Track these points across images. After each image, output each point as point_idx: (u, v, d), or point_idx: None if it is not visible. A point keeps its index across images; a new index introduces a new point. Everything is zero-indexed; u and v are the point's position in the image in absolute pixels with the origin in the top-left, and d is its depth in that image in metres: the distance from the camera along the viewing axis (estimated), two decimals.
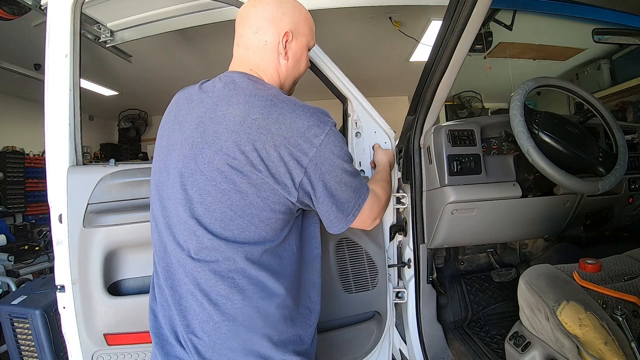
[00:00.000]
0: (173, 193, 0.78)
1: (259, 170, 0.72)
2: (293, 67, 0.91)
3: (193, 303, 0.75)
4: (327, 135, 0.75)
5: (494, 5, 1.43)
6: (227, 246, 0.73)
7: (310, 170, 0.74)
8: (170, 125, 0.85)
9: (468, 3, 0.97)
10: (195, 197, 0.75)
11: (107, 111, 5.38)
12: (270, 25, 0.85)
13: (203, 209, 0.74)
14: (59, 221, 1.13)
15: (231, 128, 0.73)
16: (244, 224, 0.74)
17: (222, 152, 0.73)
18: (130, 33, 2.28)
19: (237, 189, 0.72)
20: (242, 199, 0.73)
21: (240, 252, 0.74)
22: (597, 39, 2.08)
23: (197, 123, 0.78)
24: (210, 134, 0.75)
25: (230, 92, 0.78)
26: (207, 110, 0.78)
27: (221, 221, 0.74)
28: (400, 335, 1.49)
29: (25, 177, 4.03)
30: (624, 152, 1.19)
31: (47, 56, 1.16)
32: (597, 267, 1.06)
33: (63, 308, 1.14)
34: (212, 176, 0.73)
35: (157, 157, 0.87)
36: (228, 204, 0.73)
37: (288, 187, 0.74)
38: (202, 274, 0.74)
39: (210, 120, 0.76)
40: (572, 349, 0.87)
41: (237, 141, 0.72)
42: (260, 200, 0.73)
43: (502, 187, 1.28)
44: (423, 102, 1.28)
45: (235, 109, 0.74)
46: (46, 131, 1.16)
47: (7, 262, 2.51)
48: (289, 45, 0.88)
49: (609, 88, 3.08)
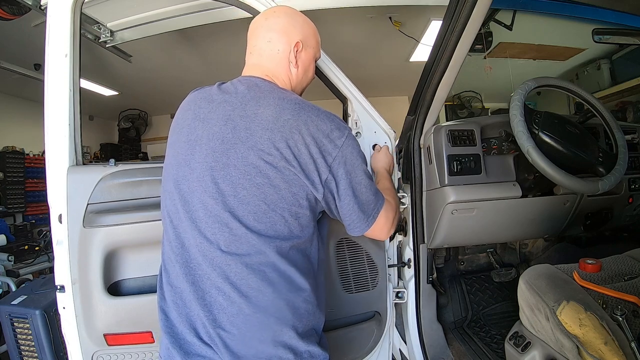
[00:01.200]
0: (200, 187, 0.80)
1: (293, 166, 0.77)
2: (302, 76, 0.98)
3: (220, 297, 0.76)
4: (347, 138, 0.82)
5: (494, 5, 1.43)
6: (259, 239, 0.76)
7: (334, 168, 0.80)
8: (190, 122, 0.87)
9: (468, 3, 0.97)
10: (228, 190, 0.78)
11: (107, 111, 5.38)
12: (282, 36, 0.92)
13: (237, 202, 0.77)
14: (59, 221, 1.13)
15: (265, 126, 0.78)
16: (275, 218, 0.78)
17: (257, 148, 0.77)
18: (130, 33, 2.28)
19: (271, 183, 0.77)
20: (275, 192, 0.77)
21: (272, 245, 0.77)
22: (597, 39, 2.09)
23: (225, 120, 0.81)
24: (242, 131, 0.79)
25: (257, 94, 0.83)
26: (235, 109, 0.82)
27: (255, 214, 0.77)
28: (400, 335, 1.49)
29: (25, 177, 4.03)
30: (624, 152, 1.19)
31: (47, 56, 1.16)
32: (597, 267, 1.06)
33: (63, 308, 1.14)
34: (247, 170, 0.77)
35: (173, 152, 0.88)
36: (262, 197, 0.77)
37: (315, 184, 0.79)
38: (233, 267, 0.76)
39: (241, 119, 0.80)
40: (572, 349, 0.87)
41: (271, 138, 0.77)
42: (291, 195, 0.78)
43: (502, 187, 1.28)
44: (423, 102, 1.28)
45: (266, 110, 0.80)
46: (46, 131, 1.15)
47: (7, 262, 2.51)
48: (299, 55, 0.94)
49: (609, 88, 3.09)
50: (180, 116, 0.93)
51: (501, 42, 2.97)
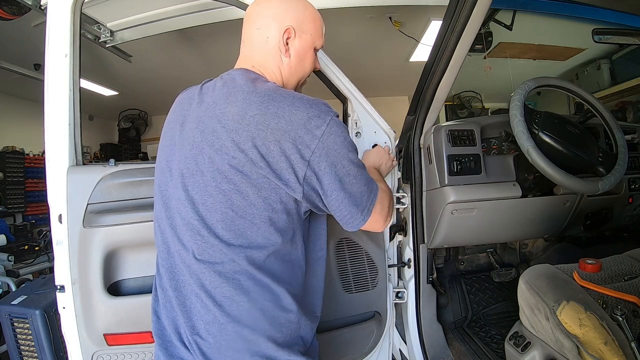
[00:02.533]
0: (175, 194, 0.78)
1: (260, 167, 0.71)
2: (296, 66, 0.88)
3: (197, 304, 0.74)
4: (329, 125, 0.73)
5: (494, 5, 1.43)
6: (229, 249, 0.73)
7: (314, 162, 0.72)
8: (172, 125, 0.85)
9: (468, 3, 0.97)
10: (197, 197, 0.75)
11: (107, 111, 5.38)
12: (272, 21, 0.84)
13: (205, 209, 0.74)
14: (59, 221, 1.13)
15: (230, 127, 0.72)
16: (245, 225, 0.73)
17: (222, 152, 0.72)
18: (130, 33, 2.28)
19: (238, 189, 0.72)
20: (242, 199, 0.72)
21: (242, 255, 0.73)
22: (597, 39, 2.09)
23: (197, 122, 0.77)
24: (210, 133, 0.74)
25: (229, 90, 0.77)
26: (207, 110, 0.77)
27: (223, 222, 0.73)
28: (400, 335, 1.49)
29: (25, 177, 4.03)
30: (624, 152, 1.19)
31: (47, 56, 1.16)
32: (597, 267, 1.06)
33: (63, 308, 1.14)
34: (213, 176, 0.73)
35: (159, 157, 0.87)
36: (229, 204, 0.72)
37: (291, 183, 0.72)
38: (207, 275, 0.73)
39: (210, 120, 0.75)
40: (572, 349, 0.87)
41: (235, 140, 0.71)
42: (261, 201, 0.72)
43: (502, 187, 1.28)
44: (423, 102, 1.28)
45: (233, 107, 0.74)
46: (46, 131, 1.15)
47: (7, 262, 2.51)
48: (291, 43, 0.85)
49: (609, 88, 3.08)
50: (167, 119, 0.90)
51: (501, 42, 2.97)
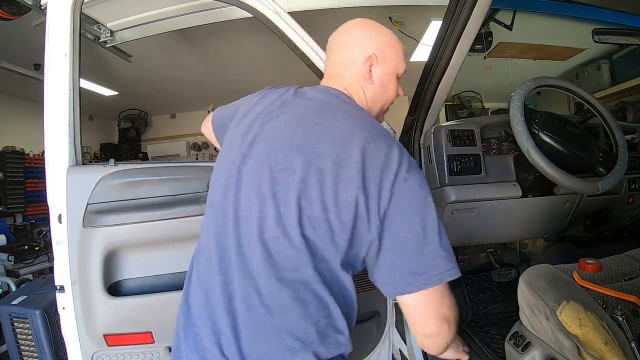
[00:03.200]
0: (252, 184, 0.75)
1: (351, 188, 0.70)
2: (379, 93, 0.91)
3: (244, 306, 0.71)
4: (414, 174, 0.73)
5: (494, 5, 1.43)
6: (300, 256, 0.70)
7: (394, 202, 0.70)
8: (256, 117, 0.83)
9: (468, 3, 0.97)
10: (281, 195, 0.72)
11: (107, 111, 5.38)
12: (355, 48, 0.88)
13: (285, 209, 0.71)
14: (59, 221, 1.13)
15: (335, 141, 0.73)
16: (320, 236, 0.70)
17: (320, 160, 0.72)
18: (130, 33, 2.28)
19: (324, 201, 0.71)
20: (322, 212, 0.70)
21: (311, 265, 0.70)
22: (597, 39, 2.08)
23: (296, 123, 0.77)
24: (312, 137, 0.74)
25: (334, 106, 0.81)
26: (310, 115, 0.79)
27: (301, 226, 0.70)
28: (400, 335, 1.49)
29: (25, 177, 4.03)
30: (624, 152, 1.19)
31: (47, 56, 1.16)
32: (597, 267, 1.06)
33: (63, 308, 1.14)
34: (306, 178, 0.71)
35: (230, 144, 0.84)
36: (306, 213, 0.71)
37: (371, 217, 0.70)
38: (265, 279, 0.71)
39: (314, 126, 0.76)
40: (572, 349, 0.87)
41: (339, 153, 0.71)
42: (338, 222, 0.70)
43: (502, 187, 1.28)
44: (423, 102, 1.28)
45: (341, 124, 0.76)
46: (46, 131, 1.15)
47: (7, 262, 2.51)
48: (373, 70, 0.88)
49: (609, 88, 3.09)
50: (245, 108, 0.88)
51: (501, 42, 2.97)
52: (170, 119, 5.90)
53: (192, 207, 1.17)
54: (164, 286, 1.19)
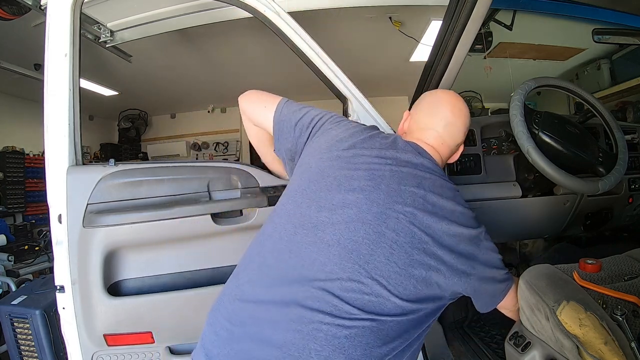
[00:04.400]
0: (335, 241, 0.75)
1: (439, 273, 0.77)
2: (448, 163, 1.04)
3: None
4: (486, 239, 0.86)
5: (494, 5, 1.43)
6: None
7: (478, 273, 0.83)
8: (352, 160, 0.84)
9: (468, 3, 0.97)
10: (367, 255, 0.74)
11: (107, 111, 5.38)
12: (463, 129, 0.96)
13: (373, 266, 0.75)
14: (59, 221, 1.13)
15: (440, 215, 0.79)
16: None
17: (418, 235, 0.76)
18: (130, 33, 2.28)
19: (407, 272, 0.76)
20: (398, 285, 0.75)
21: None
22: (597, 39, 2.08)
23: (411, 196, 0.80)
24: (429, 205, 0.80)
25: (438, 182, 0.85)
26: (421, 183, 0.82)
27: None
28: None
29: (25, 177, 4.03)
30: (624, 152, 1.19)
31: (47, 56, 1.16)
32: (597, 267, 1.06)
33: (63, 309, 1.13)
34: (401, 249, 0.75)
35: (314, 174, 0.85)
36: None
37: (452, 292, 0.82)
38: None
39: (425, 208, 0.79)
40: (572, 349, 0.87)
41: (442, 228, 0.79)
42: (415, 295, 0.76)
43: (502, 187, 1.28)
44: None
45: (445, 202, 0.82)
46: (46, 131, 1.15)
47: (7, 262, 2.51)
48: (457, 153, 1.01)
49: (609, 88, 3.08)
50: (345, 139, 0.90)
51: (501, 42, 2.97)
52: (170, 119, 5.91)
53: (192, 207, 1.17)
54: (163, 286, 1.19)
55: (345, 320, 0.68)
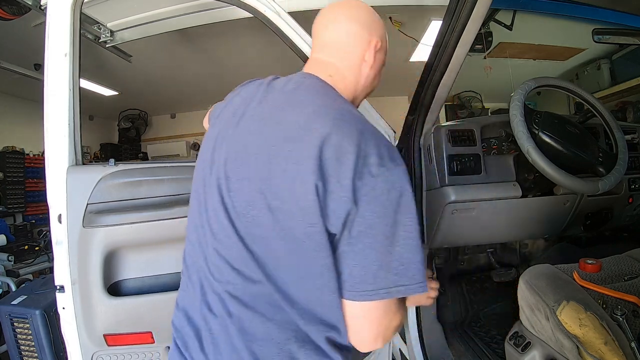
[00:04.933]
0: (213, 197, 0.70)
1: (307, 189, 0.61)
2: (372, 80, 0.82)
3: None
4: (395, 169, 0.61)
5: (494, 5, 1.43)
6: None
7: (361, 201, 0.59)
8: (228, 118, 0.76)
9: (468, 3, 0.97)
10: (240, 208, 0.67)
11: (107, 111, 5.38)
12: (364, 30, 0.78)
13: (244, 221, 0.68)
14: (59, 221, 1.13)
15: (291, 136, 0.64)
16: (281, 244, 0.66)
17: (274, 162, 0.64)
18: (130, 33, 2.28)
19: (285, 207, 0.66)
20: (289, 219, 0.65)
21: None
22: (597, 39, 2.08)
23: (257, 122, 0.70)
24: (271, 139, 0.66)
25: (300, 97, 0.70)
26: (272, 112, 0.70)
27: (263, 236, 0.68)
28: (400, 335, 1.49)
29: (25, 177, 4.03)
30: (624, 152, 1.19)
31: (47, 56, 1.16)
32: (597, 267, 1.06)
33: (63, 308, 1.13)
34: (257, 188, 0.66)
35: (203, 147, 0.81)
36: (273, 222, 0.66)
37: (330, 217, 0.61)
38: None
39: (272, 123, 0.68)
40: (572, 349, 0.87)
41: (293, 150, 0.64)
42: (304, 226, 0.63)
43: (502, 187, 1.28)
44: (423, 102, 1.28)
45: (299, 117, 0.66)
46: (46, 131, 1.15)
47: (7, 262, 2.51)
48: (377, 56, 0.80)
49: (609, 88, 3.09)
50: (221, 107, 0.83)
51: (501, 42, 2.97)
52: (170, 119, 5.91)
53: None
54: (163, 286, 1.19)
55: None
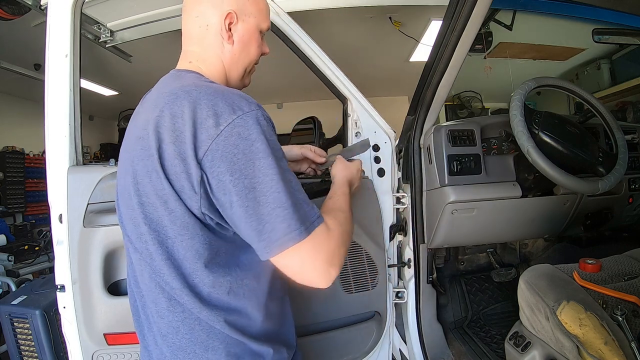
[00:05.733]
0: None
1: (159, 176, 0.62)
2: (240, 53, 0.80)
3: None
4: (236, 121, 0.59)
5: (494, 5, 1.43)
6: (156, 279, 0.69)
7: (207, 166, 0.59)
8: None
9: (468, 3, 0.97)
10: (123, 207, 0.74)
11: (107, 111, 5.38)
12: (210, 7, 0.76)
13: (124, 224, 0.74)
14: (59, 221, 1.13)
15: (138, 133, 0.68)
16: (159, 239, 0.66)
17: (134, 163, 0.67)
18: (130, 33, 2.28)
19: (149, 201, 0.66)
20: (154, 211, 0.66)
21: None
22: (597, 39, 2.08)
23: (135, 138, 0.70)
24: (133, 143, 0.69)
25: (156, 94, 0.74)
26: (136, 118, 0.76)
27: (138, 236, 0.70)
28: (400, 335, 1.49)
29: (25, 177, 4.03)
30: (624, 152, 1.19)
31: (47, 56, 1.16)
32: (597, 267, 1.06)
33: (63, 308, 1.14)
34: (126, 186, 0.70)
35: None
36: (143, 216, 0.67)
37: (185, 192, 0.61)
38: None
39: (136, 131, 0.71)
40: (572, 348, 0.87)
41: (143, 146, 0.65)
42: (167, 214, 0.64)
43: (502, 187, 1.28)
44: (423, 102, 1.28)
45: (148, 111, 0.69)
46: (46, 131, 1.15)
47: (7, 262, 2.51)
48: (233, 28, 0.77)
49: (609, 88, 3.08)
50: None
51: (501, 42, 2.97)
52: None
53: None
54: None
55: None
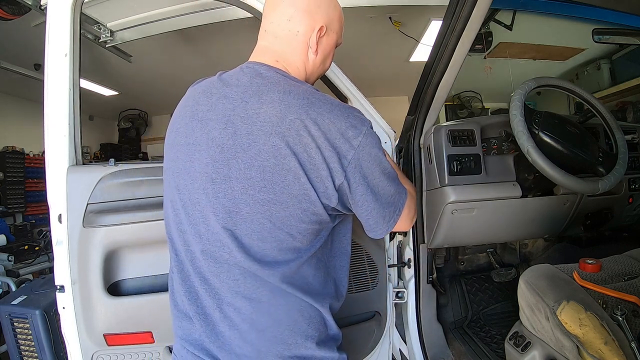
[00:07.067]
0: (201, 200, 0.73)
1: (298, 176, 0.68)
2: (320, 64, 0.86)
3: (219, 320, 0.76)
4: (365, 136, 0.71)
5: (494, 5, 1.43)
6: (259, 266, 0.71)
7: (350, 173, 0.70)
8: (188, 122, 0.78)
9: (468, 3, 0.97)
10: (231, 206, 0.70)
11: (107, 111, 5.38)
12: (305, 15, 0.79)
13: (239, 219, 0.70)
14: (59, 221, 1.13)
15: (268, 130, 0.68)
16: (282, 237, 0.71)
17: (260, 158, 0.68)
18: (130, 33, 2.28)
19: (278, 199, 0.68)
20: (282, 210, 0.69)
21: (272, 272, 0.72)
22: (597, 39, 2.08)
23: (224, 122, 0.71)
24: (244, 137, 0.69)
25: (260, 87, 0.73)
26: (236, 108, 0.72)
27: (259, 233, 0.70)
28: (400, 335, 1.49)
29: (25, 177, 4.03)
30: (624, 152, 1.19)
31: (47, 56, 1.16)
32: (597, 267, 1.06)
33: (63, 308, 1.14)
34: (250, 184, 0.69)
35: (173, 156, 0.80)
36: (267, 215, 0.69)
37: (328, 192, 0.70)
38: (226, 292, 0.74)
39: (242, 121, 0.70)
40: (572, 349, 0.87)
41: (276, 145, 0.67)
42: (300, 212, 0.70)
43: (502, 187, 1.27)
44: (423, 102, 1.28)
45: (269, 108, 0.69)
46: (46, 131, 1.15)
47: (7, 262, 2.51)
48: (320, 40, 0.82)
49: (609, 88, 3.08)
50: (178, 114, 0.84)
51: (501, 42, 2.97)
52: (170, 119, 5.91)
53: None
54: (163, 286, 1.19)
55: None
